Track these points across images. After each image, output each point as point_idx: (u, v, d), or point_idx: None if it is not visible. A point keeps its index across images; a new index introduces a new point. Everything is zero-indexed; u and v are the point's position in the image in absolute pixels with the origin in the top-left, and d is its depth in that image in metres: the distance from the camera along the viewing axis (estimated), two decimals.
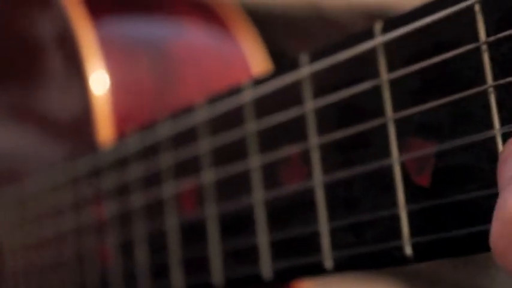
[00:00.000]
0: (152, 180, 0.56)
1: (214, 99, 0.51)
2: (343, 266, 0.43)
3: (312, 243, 0.45)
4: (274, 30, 0.93)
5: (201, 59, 0.72)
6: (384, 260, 0.41)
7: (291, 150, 0.46)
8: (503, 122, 0.36)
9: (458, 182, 0.38)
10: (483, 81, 0.36)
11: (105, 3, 0.72)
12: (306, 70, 0.45)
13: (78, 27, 0.68)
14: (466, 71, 0.37)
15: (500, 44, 0.36)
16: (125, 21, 0.72)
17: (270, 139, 0.47)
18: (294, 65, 0.46)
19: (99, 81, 0.67)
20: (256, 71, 0.72)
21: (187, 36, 0.73)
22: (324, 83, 0.44)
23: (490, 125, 0.36)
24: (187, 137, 0.53)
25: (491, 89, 0.36)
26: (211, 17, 0.75)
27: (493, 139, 0.36)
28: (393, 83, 0.40)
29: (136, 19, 0.73)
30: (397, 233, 0.40)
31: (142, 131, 0.58)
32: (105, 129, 0.66)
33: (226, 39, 0.74)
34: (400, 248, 0.40)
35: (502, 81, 0.36)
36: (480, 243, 0.37)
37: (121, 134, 0.63)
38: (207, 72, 0.72)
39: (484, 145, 0.36)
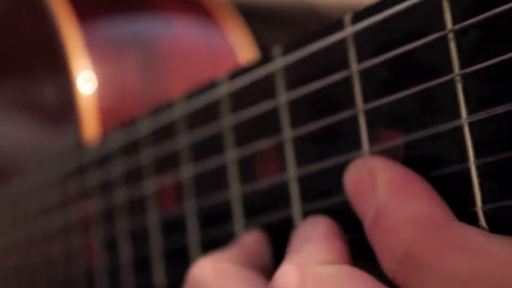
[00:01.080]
0: (134, 176, 0.56)
1: (191, 94, 0.51)
2: None
3: (287, 236, 0.44)
4: (266, 27, 0.92)
5: (189, 55, 0.72)
6: (354, 251, 0.41)
7: (266, 143, 0.45)
8: (470, 111, 0.35)
9: (428, 173, 0.37)
10: (450, 70, 0.36)
11: (92, 1, 0.72)
12: (278, 63, 0.44)
13: (64, 25, 0.68)
14: (434, 60, 0.37)
15: (467, 33, 0.35)
16: (112, 18, 0.72)
17: (245, 133, 0.47)
18: (267, 58, 0.45)
19: (85, 80, 0.67)
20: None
21: (175, 32, 0.72)
22: (296, 75, 0.44)
23: (457, 115, 0.36)
24: (166, 132, 0.53)
25: (458, 78, 0.35)
26: (200, 12, 0.75)
27: (460, 128, 0.35)
28: (363, 74, 0.40)
29: (124, 15, 0.73)
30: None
31: (123, 127, 0.58)
32: (91, 127, 0.66)
33: (215, 34, 0.74)
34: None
35: (468, 70, 0.35)
36: None
37: (105, 132, 0.63)
38: (196, 68, 0.71)
39: (451, 135, 0.36)
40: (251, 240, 0.45)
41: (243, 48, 0.73)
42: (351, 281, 0.34)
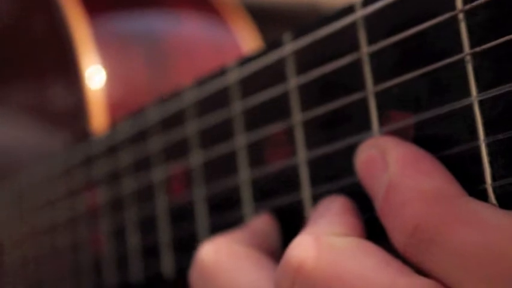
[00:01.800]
0: (142, 165, 0.57)
1: (201, 82, 0.52)
2: None
3: (297, 221, 0.45)
4: (271, 27, 0.93)
5: (196, 51, 0.72)
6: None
7: (276, 128, 0.46)
8: (480, 89, 0.36)
9: (438, 152, 0.38)
10: (460, 50, 0.36)
11: None
12: (288, 47, 0.45)
13: (72, 21, 0.69)
14: (444, 41, 0.37)
15: (477, 13, 0.36)
16: (120, 14, 0.72)
17: (255, 118, 0.47)
18: (277, 43, 0.46)
19: (93, 74, 0.67)
20: None
21: (182, 28, 0.73)
22: (306, 60, 0.44)
23: (467, 93, 0.36)
24: (175, 120, 0.53)
25: (468, 58, 0.36)
26: (207, 9, 0.75)
27: (470, 106, 0.36)
28: (373, 56, 0.40)
29: (131, 11, 0.73)
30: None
31: (132, 117, 0.58)
32: (99, 121, 0.66)
33: (222, 31, 0.75)
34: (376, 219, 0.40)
35: (478, 49, 0.36)
36: None
37: (113, 123, 0.63)
38: (202, 64, 0.72)
39: (461, 113, 0.36)
40: (260, 223, 0.45)
41: (249, 45, 0.74)
42: (363, 252, 0.35)
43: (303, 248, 0.35)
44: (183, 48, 0.71)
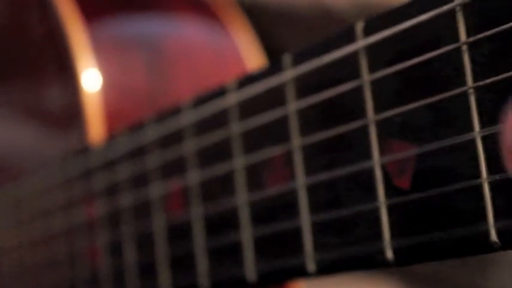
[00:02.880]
0: (140, 181, 0.56)
1: (199, 101, 0.51)
2: (325, 269, 0.43)
3: (295, 245, 0.44)
4: (277, 27, 0.92)
5: (195, 56, 0.71)
6: (365, 264, 0.41)
7: (274, 151, 0.45)
8: (483, 125, 0.35)
9: (439, 185, 0.37)
10: (463, 82, 0.36)
11: (98, 1, 0.72)
12: (289, 73, 0.44)
13: (70, 25, 0.68)
14: (447, 72, 0.36)
15: (481, 45, 0.35)
16: (118, 18, 0.72)
17: (254, 141, 0.47)
18: (277, 67, 0.45)
19: (91, 80, 0.67)
20: (252, 68, 0.72)
21: (181, 33, 0.72)
22: (307, 85, 0.43)
23: (470, 128, 0.35)
24: (173, 138, 0.53)
25: (471, 91, 0.35)
26: (206, 13, 0.74)
27: (473, 141, 0.35)
28: (374, 84, 0.40)
29: (130, 16, 0.72)
30: (378, 236, 0.40)
31: (130, 132, 0.57)
32: (97, 127, 0.65)
33: (221, 35, 0.74)
34: (381, 252, 0.40)
35: (481, 83, 0.35)
36: (461, 247, 0.36)
37: (111, 134, 0.62)
38: (202, 69, 0.71)
39: (464, 147, 0.36)
40: None
41: (249, 50, 0.73)
42: None
43: None
44: (183, 53, 0.70)
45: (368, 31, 0.40)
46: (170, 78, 0.69)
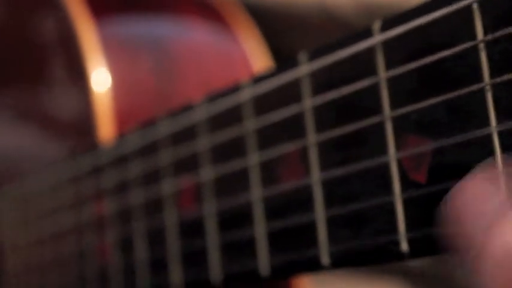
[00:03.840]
0: (152, 177, 0.57)
1: (213, 98, 0.52)
2: (339, 262, 0.44)
3: (309, 239, 0.45)
4: (279, 29, 0.93)
5: (202, 58, 0.72)
6: (380, 256, 0.42)
7: (289, 147, 0.46)
8: (499, 120, 0.36)
9: (454, 179, 0.38)
10: (480, 79, 0.37)
11: (107, 2, 0.73)
12: (304, 68, 0.45)
13: (80, 26, 0.69)
14: (463, 69, 0.37)
15: (498, 43, 0.36)
16: (127, 20, 0.72)
17: (268, 137, 0.48)
18: (293, 63, 0.46)
19: (100, 80, 0.67)
20: (258, 69, 0.73)
21: (189, 34, 0.73)
22: (322, 81, 0.44)
23: (486, 123, 0.36)
24: (186, 134, 0.54)
25: (488, 87, 0.36)
26: (213, 15, 0.75)
27: (489, 136, 0.36)
28: (391, 81, 0.41)
29: (139, 18, 0.73)
30: (393, 229, 0.41)
31: (142, 128, 0.58)
32: (106, 127, 0.66)
33: (228, 37, 0.75)
34: (396, 244, 0.40)
35: (498, 79, 0.36)
36: None
37: (121, 132, 0.63)
38: (209, 70, 0.72)
39: (480, 143, 0.37)
40: None
41: (256, 52, 0.74)
42: None
43: None
44: (191, 55, 0.71)
45: (385, 27, 0.41)
46: (178, 80, 0.70)
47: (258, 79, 0.48)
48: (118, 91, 0.68)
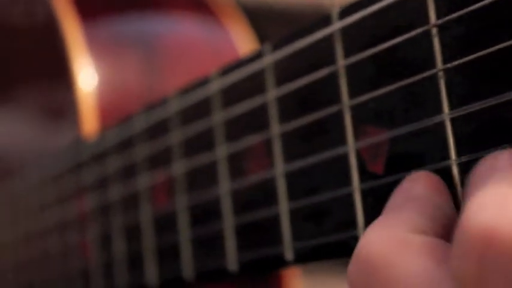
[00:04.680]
0: (129, 173, 0.56)
1: (184, 91, 0.51)
2: (303, 258, 0.43)
3: (273, 234, 0.44)
4: (277, 29, 0.92)
5: (191, 54, 0.71)
6: (341, 251, 0.41)
7: (255, 139, 0.45)
8: (452, 106, 0.35)
9: (410, 169, 0.37)
10: (434, 65, 0.35)
11: None
12: (268, 59, 0.44)
13: (65, 22, 0.68)
14: (418, 55, 0.36)
15: (451, 27, 0.35)
16: (113, 16, 0.72)
17: (235, 129, 0.47)
18: (258, 54, 0.45)
19: (86, 77, 0.67)
20: None
21: (177, 30, 0.72)
22: (285, 71, 0.43)
23: (439, 110, 0.35)
24: (160, 129, 0.53)
25: (441, 73, 0.35)
26: (203, 10, 0.74)
27: (442, 124, 0.35)
28: (349, 70, 0.39)
29: (125, 13, 0.73)
30: (352, 222, 0.39)
31: (120, 124, 0.57)
32: (90, 125, 0.66)
33: (218, 33, 0.74)
34: (356, 238, 0.39)
35: (449, 65, 0.35)
36: None
37: (102, 128, 0.63)
38: (198, 66, 0.71)
39: (434, 131, 0.35)
40: (426, 190, 0.35)
41: (245, 46, 0.73)
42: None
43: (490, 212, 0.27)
44: (178, 51, 0.71)
45: (343, 15, 0.40)
46: (165, 76, 0.69)
47: (226, 71, 0.47)
48: (104, 88, 0.67)
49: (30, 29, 0.74)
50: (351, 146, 0.39)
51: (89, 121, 0.65)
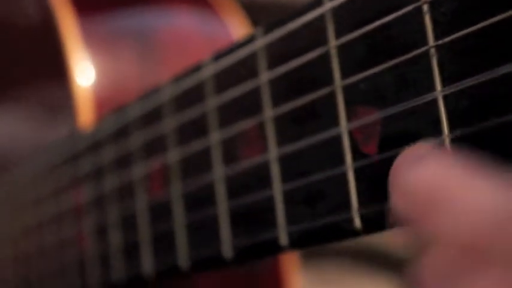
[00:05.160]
0: (124, 162, 0.56)
1: (178, 78, 0.51)
2: (297, 242, 0.42)
3: (268, 219, 0.44)
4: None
5: (188, 46, 0.71)
6: (335, 234, 0.40)
7: (248, 124, 0.45)
8: (444, 84, 0.34)
9: (403, 149, 0.36)
10: (425, 42, 0.35)
11: None
12: (260, 42, 0.44)
13: (61, 17, 0.68)
14: (409, 34, 0.36)
15: (442, 3, 0.34)
16: (110, 9, 0.72)
17: (229, 114, 0.46)
18: (250, 38, 0.45)
19: (82, 71, 0.67)
20: None
21: (173, 23, 0.72)
22: (277, 54, 0.43)
23: (432, 88, 0.35)
24: (154, 116, 0.52)
25: (432, 50, 0.35)
26: (200, 4, 0.74)
27: (435, 101, 0.35)
28: (341, 50, 0.39)
29: (121, 6, 0.72)
30: (346, 205, 0.39)
31: (115, 113, 0.57)
32: (88, 119, 0.65)
33: (215, 25, 0.74)
34: (350, 220, 0.39)
35: (440, 42, 0.34)
36: None
37: (98, 119, 0.62)
38: (195, 59, 0.71)
39: (426, 109, 0.35)
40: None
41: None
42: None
43: None
44: (176, 43, 0.70)
45: None
46: (162, 69, 0.69)
47: (218, 56, 0.47)
48: (101, 81, 0.67)
49: (26, 23, 0.73)
50: (344, 127, 0.39)
51: (86, 114, 0.65)
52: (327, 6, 0.40)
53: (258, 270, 0.67)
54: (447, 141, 0.34)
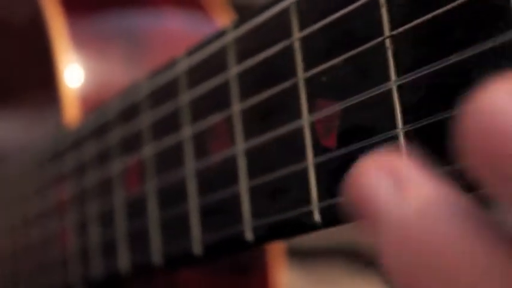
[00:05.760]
0: (104, 158, 0.56)
1: (154, 74, 0.51)
2: (262, 237, 0.42)
3: (235, 213, 0.43)
4: None
5: (177, 47, 0.71)
6: (296, 228, 0.40)
7: (217, 118, 0.45)
8: (399, 74, 0.34)
9: (361, 142, 0.36)
10: (381, 33, 0.35)
11: None
12: (230, 36, 0.44)
13: (49, 15, 0.68)
14: (367, 26, 0.35)
15: None
16: (98, 10, 0.72)
17: (200, 109, 0.46)
18: (221, 33, 0.45)
19: (70, 71, 0.67)
20: None
21: (163, 24, 0.72)
22: (246, 48, 0.43)
23: (387, 78, 0.34)
24: (131, 112, 0.53)
25: (388, 41, 0.34)
26: (190, 4, 0.74)
27: (389, 92, 0.34)
28: (303, 43, 0.39)
29: (110, 7, 0.73)
30: (307, 199, 0.39)
31: (96, 110, 0.57)
32: (74, 118, 0.66)
33: (205, 26, 0.73)
34: (310, 214, 0.39)
35: (395, 32, 0.34)
36: None
37: (82, 116, 0.63)
38: None
39: (381, 100, 0.35)
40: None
41: None
42: None
43: None
44: (164, 44, 0.70)
45: None
46: (150, 69, 0.69)
47: (192, 51, 0.47)
48: (90, 84, 0.67)
49: (14, 23, 0.74)
50: (306, 120, 0.39)
51: (72, 113, 0.65)
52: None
53: (246, 270, 0.67)
54: (402, 133, 0.34)
